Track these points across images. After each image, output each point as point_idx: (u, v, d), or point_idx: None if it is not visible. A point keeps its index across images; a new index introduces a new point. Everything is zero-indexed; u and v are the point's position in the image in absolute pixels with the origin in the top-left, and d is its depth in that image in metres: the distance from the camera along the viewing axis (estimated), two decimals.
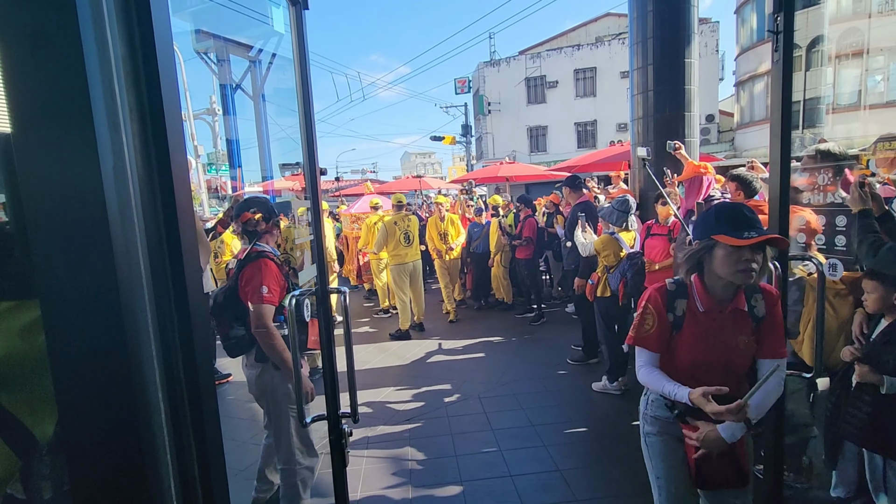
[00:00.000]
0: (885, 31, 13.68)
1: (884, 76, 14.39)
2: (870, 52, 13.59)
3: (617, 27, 24.96)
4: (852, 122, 13.80)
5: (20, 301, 0.89)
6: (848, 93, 14.22)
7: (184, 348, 0.72)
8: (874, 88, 14.50)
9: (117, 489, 0.72)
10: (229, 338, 2.43)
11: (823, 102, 7.15)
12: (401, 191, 9.86)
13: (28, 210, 0.67)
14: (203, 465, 0.74)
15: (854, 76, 14.11)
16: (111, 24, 0.68)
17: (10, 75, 0.65)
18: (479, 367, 5.01)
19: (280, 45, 15.94)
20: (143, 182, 0.68)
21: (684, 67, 4.67)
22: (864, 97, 14.08)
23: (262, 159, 16.07)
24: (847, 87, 14.25)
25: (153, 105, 0.67)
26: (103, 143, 0.67)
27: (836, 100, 13.92)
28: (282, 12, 14.16)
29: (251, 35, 15.74)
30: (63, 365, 0.71)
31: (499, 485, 2.92)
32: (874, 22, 13.21)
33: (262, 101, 16.29)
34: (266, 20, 13.70)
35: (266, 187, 13.68)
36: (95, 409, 0.71)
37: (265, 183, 14.03)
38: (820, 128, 6.91)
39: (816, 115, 6.83)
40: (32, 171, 0.67)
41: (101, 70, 0.67)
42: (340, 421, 1.68)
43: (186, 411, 0.73)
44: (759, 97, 18.26)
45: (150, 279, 0.70)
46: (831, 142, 2.44)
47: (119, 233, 0.68)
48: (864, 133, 13.36)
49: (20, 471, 0.92)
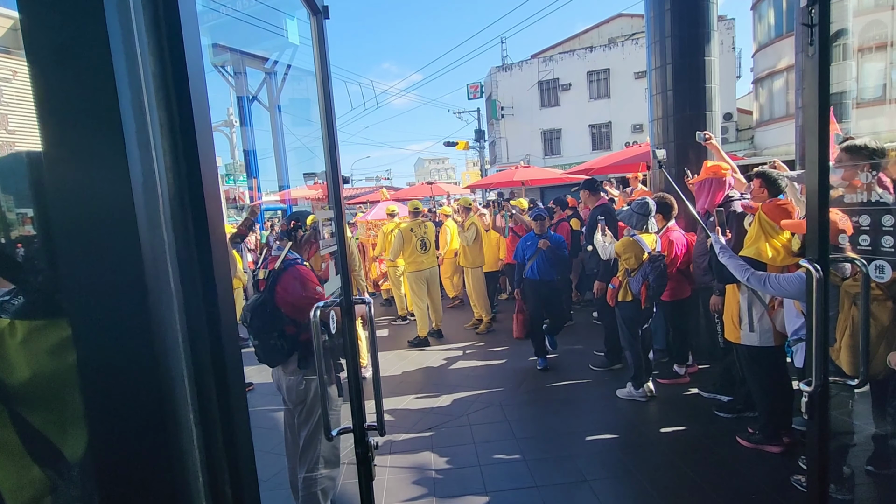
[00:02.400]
0: None
1: None
2: (894, 45, 13.21)
3: (630, 28, 24.76)
4: (877, 116, 13.40)
5: (49, 321, 0.88)
6: (872, 87, 13.83)
7: (215, 363, 0.70)
8: None
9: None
10: (267, 347, 2.46)
11: (849, 97, 6.94)
12: (415, 197, 9.86)
13: (57, 227, 0.66)
14: (235, 482, 0.72)
15: (878, 70, 13.73)
16: (140, 39, 0.66)
17: (40, 90, 0.64)
18: (500, 375, 4.95)
19: (295, 57, 16.19)
20: (173, 197, 0.67)
21: (704, 66, 4.57)
22: (890, 91, 13.67)
23: (279, 169, 16.28)
24: (871, 81, 13.87)
25: (183, 120, 0.66)
26: (133, 158, 0.65)
27: (860, 94, 13.54)
28: (296, 24, 14.39)
29: (267, 47, 16.01)
30: (93, 381, 0.70)
31: (525, 496, 2.85)
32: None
33: (277, 111, 16.53)
34: (281, 32, 13.93)
35: (283, 197, 13.85)
36: (126, 426, 0.70)
37: (282, 193, 14.19)
38: (846, 123, 6.70)
39: (843, 111, 6.64)
40: (62, 187, 0.66)
41: (130, 85, 0.65)
42: (367, 434, 1.66)
43: (218, 426, 0.71)
44: (778, 94, 17.87)
45: (180, 292, 0.68)
46: (866, 136, 2.34)
47: (149, 247, 0.66)
48: (891, 128, 12.97)
49: (51, 491, 0.91)
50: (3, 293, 1.07)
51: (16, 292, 1.06)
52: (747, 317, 3.12)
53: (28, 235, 0.89)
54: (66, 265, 0.66)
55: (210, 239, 0.68)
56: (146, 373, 0.68)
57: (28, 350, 0.85)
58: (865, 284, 1.54)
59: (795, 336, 2.79)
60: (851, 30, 8.51)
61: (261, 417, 4.24)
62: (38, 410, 0.88)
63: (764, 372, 3.15)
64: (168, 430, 0.70)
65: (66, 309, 0.85)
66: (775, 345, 3.06)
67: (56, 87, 0.64)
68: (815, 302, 1.58)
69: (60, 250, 0.66)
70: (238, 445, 0.72)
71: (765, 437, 3.15)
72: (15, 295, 1.12)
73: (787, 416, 3.14)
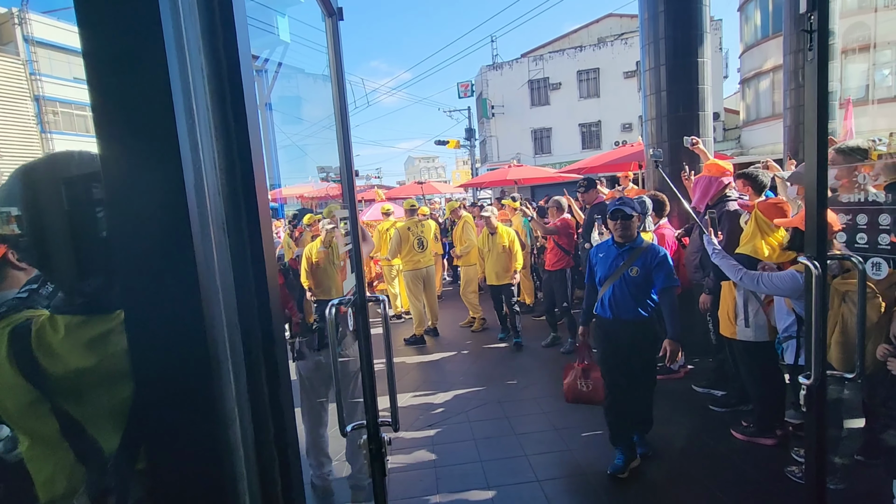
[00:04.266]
0: (892, 25, 13.61)
1: (891, 70, 14.30)
2: (877, 47, 13.51)
3: (619, 28, 24.97)
4: (861, 116, 13.68)
5: (89, 316, 0.90)
6: (856, 87, 14.12)
7: (266, 359, 0.72)
8: (882, 83, 14.41)
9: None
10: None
11: (835, 98, 7.10)
12: (407, 196, 9.88)
13: (113, 225, 0.67)
14: (286, 483, 0.74)
15: (861, 71, 14.03)
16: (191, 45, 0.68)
17: (98, 96, 0.66)
18: (498, 372, 5.00)
19: (285, 55, 16.09)
20: (226, 196, 0.69)
21: (697, 67, 4.66)
22: (872, 92, 13.99)
23: (270, 167, 16.17)
24: (855, 81, 14.16)
25: (238, 122, 0.68)
26: (186, 163, 0.67)
27: (844, 94, 13.83)
28: (287, 22, 14.28)
29: (257, 45, 15.89)
30: (145, 376, 0.71)
31: (528, 490, 2.90)
32: (881, 16, 13.15)
33: (268, 110, 16.41)
34: (272, 30, 13.82)
35: (274, 196, 13.76)
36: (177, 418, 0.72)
37: (273, 191, 14.11)
38: (832, 123, 6.87)
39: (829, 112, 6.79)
40: (117, 188, 0.68)
41: (182, 90, 0.67)
42: (380, 430, 1.68)
43: (270, 422, 0.73)
44: (764, 94, 18.17)
45: (231, 288, 0.70)
46: (858, 137, 2.43)
47: (200, 245, 0.68)
48: (873, 128, 13.27)
49: (86, 483, 0.93)
50: (28, 284, 1.08)
51: (43, 283, 1.07)
52: (743, 312, 3.20)
53: (78, 233, 0.90)
54: (121, 262, 0.68)
55: (261, 234, 0.70)
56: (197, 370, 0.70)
57: (69, 344, 0.87)
58: (862, 282, 1.61)
59: (786, 333, 2.87)
60: (837, 31, 8.70)
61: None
62: (77, 402, 0.89)
63: (758, 366, 3.23)
64: (217, 421, 0.72)
65: (117, 306, 0.87)
66: (769, 340, 3.14)
67: (112, 90, 0.65)
68: (815, 298, 1.64)
69: (115, 248, 0.68)
70: (286, 444, 0.74)
71: (759, 430, 3.23)
72: (43, 285, 1.13)
73: (780, 409, 3.23)
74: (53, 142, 16.96)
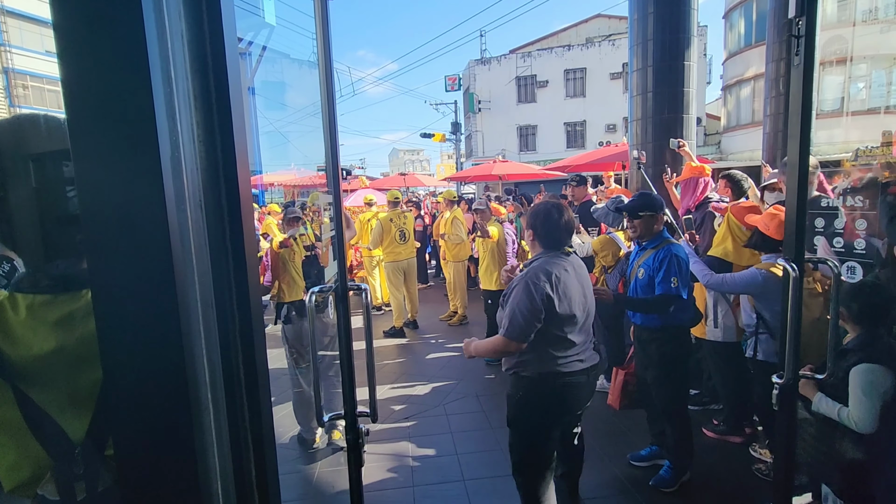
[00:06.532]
0: (869, 39, 14.00)
1: (866, 84, 14.75)
2: (853, 60, 13.90)
3: (607, 29, 25.16)
4: (835, 128, 14.11)
5: (54, 296, 0.85)
6: (831, 99, 14.53)
7: (243, 340, 0.69)
8: (856, 96, 14.85)
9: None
10: None
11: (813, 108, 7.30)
12: (391, 188, 9.82)
13: (85, 205, 0.63)
14: (259, 467, 0.71)
15: (837, 83, 14.42)
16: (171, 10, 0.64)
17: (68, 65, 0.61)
18: (475, 365, 5.00)
19: (271, 38, 15.72)
20: (204, 170, 0.65)
21: (684, 70, 4.71)
22: (847, 104, 14.41)
23: (251, 153, 15.81)
24: (830, 93, 14.56)
25: (220, 94, 0.64)
26: (162, 135, 0.63)
27: (820, 106, 14.21)
28: (273, 4, 13.93)
29: (241, 27, 15.44)
30: (114, 360, 0.68)
31: (502, 483, 2.91)
32: (858, 30, 13.52)
33: (251, 94, 16.04)
34: (258, 12, 13.47)
35: (255, 182, 13.49)
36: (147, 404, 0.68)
37: (254, 178, 13.84)
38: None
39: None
40: (89, 168, 0.64)
41: (160, 57, 0.63)
42: (357, 420, 1.66)
43: (245, 408, 0.70)
44: (745, 101, 18.56)
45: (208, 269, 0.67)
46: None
47: (175, 222, 0.65)
48: (846, 139, 13.68)
49: (52, 471, 0.88)
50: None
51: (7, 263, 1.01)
52: (713, 313, 3.27)
53: (45, 207, 0.85)
54: (92, 242, 0.64)
55: (241, 214, 0.67)
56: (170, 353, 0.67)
57: (32, 325, 0.82)
58: (836, 284, 1.64)
59: (750, 330, 2.94)
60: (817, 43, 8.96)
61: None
62: (41, 387, 0.84)
63: (727, 366, 3.30)
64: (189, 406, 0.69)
65: (84, 285, 0.83)
66: (737, 340, 3.22)
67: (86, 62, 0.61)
68: (791, 299, 1.67)
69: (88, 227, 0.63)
70: (261, 430, 0.71)
71: (729, 428, 3.31)
72: (6, 265, 1.06)
73: (748, 407, 3.31)
74: None
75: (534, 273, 2.11)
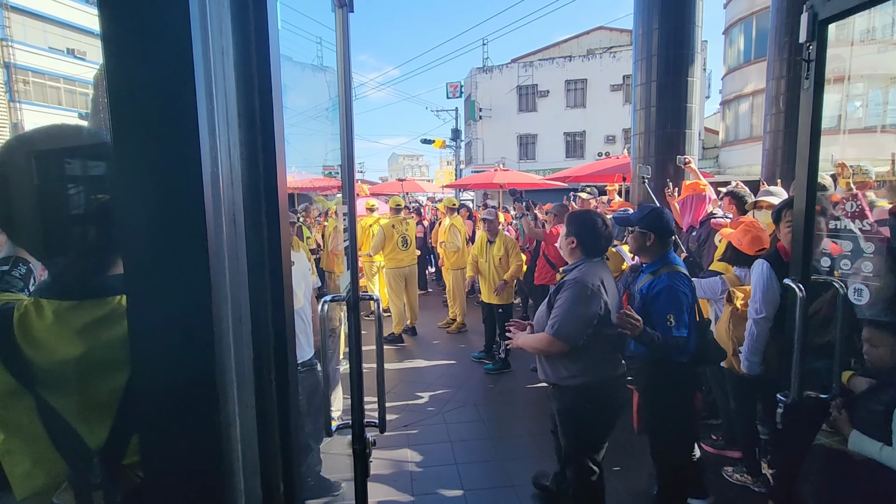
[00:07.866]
0: (866, 59, 14.19)
1: (863, 102, 14.94)
2: (851, 79, 14.08)
3: (609, 41, 25.40)
4: (832, 145, 14.25)
5: (80, 301, 0.84)
6: (828, 117, 14.69)
7: (276, 358, 0.70)
8: (853, 114, 15.04)
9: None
10: None
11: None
12: (389, 193, 9.82)
13: (126, 211, 0.64)
14: (287, 486, 0.72)
15: (835, 101, 14.59)
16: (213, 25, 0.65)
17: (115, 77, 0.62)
18: (474, 374, 5.00)
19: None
20: (246, 187, 0.66)
21: (687, 85, 4.76)
22: (844, 122, 14.58)
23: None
24: (828, 111, 14.72)
25: (263, 110, 0.65)
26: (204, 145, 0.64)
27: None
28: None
29: None
30: (143, 370, 0.68)
31: (502, 495, 2.91)
32: (856, 50, 13.71)
33: None
34: None
35: None
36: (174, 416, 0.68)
37: None
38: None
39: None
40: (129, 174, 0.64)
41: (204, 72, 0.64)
42: (365, 430, 1.65)
43: (275, 425, 0.70)
44: (743, 116, 18.75)
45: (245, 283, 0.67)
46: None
47: (213, 234, 0.65)
48: (843, 157, 13.78)
49: (69, 479, 0.88)
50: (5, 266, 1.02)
51: (14, 264, 1.01)
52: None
53: (75, 214, 0.85)
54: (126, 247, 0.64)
55: (279, 230, 0.68)
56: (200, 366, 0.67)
57: (57, 331, 0.82)
58: (843, 306, 1.66)
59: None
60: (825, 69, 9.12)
61: None
62: (61, 393, 0.84)
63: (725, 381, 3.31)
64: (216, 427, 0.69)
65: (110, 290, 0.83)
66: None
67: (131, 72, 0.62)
68: (798, 319, 1.69)
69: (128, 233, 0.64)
70: (289, 449, 0.72)
71: (727, 443, 3.32)
72: (14, 267, 1.06)
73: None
74: (23, 112, 16.21)
75: (588, 279, 2.20)
